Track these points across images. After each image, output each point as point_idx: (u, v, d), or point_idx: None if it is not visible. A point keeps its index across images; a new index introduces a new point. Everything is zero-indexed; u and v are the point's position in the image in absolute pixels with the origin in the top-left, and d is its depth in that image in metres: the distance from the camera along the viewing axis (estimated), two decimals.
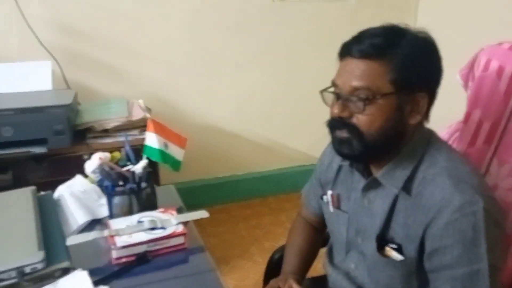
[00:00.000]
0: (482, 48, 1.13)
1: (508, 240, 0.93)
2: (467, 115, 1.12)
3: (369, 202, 0.93)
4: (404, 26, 0.85)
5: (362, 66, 0.82)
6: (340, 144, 0.86)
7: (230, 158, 2.50)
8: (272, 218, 2.41)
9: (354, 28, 0.88)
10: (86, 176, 1.17)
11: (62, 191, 1.15)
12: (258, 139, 2.52)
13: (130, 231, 0.96)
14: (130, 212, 1.06)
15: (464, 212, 0.79)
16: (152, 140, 1.13)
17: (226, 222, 2.37)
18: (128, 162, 1.13)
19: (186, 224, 1.03)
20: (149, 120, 1.17)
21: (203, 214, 1.05)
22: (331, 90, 0.87)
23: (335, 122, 0.86)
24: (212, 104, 2.37)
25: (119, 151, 1.19)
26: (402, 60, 0.81)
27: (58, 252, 0.91)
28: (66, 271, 0.87)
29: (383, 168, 0.89)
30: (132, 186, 1.06)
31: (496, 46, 1.10)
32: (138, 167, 1.09)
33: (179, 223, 1.00)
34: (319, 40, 2.39)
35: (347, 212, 0.98)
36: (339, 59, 0.87)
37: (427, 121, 0.90)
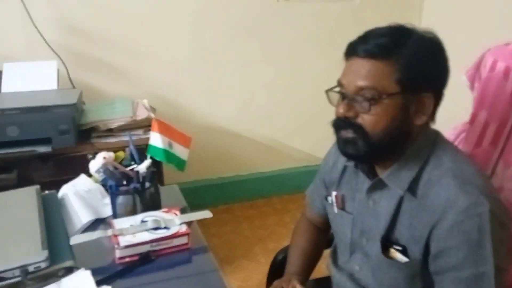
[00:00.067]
0: (489, 49, 1.12)
1: None
2: (473, 116, 1.11)
3: (374, 203, 0.92)
4: (411, 26, 0.85)
5: (367, 65, 0.81)
6: (345, 144, 0.86)
7: (234, 158, 2.49)
8: (276, 219, 2.41)
9: (358, 28, 0.87)
10: (90, 176, 1.17)
11: (66, 190, 1.16)
12: (262, 139, 2.51)
13: (134, 231, 0.96)
14: (133, 212, 1.06)
15: (469, 213, 0.79)
16: (156, 139, 1.13)
17: (229, 222, 2.37)
18: (132, 162, 1.13)
19: (190, 224, 1.03)
20: (153, 119, 1.17)
21: (206, 214, 1.05)
22: (337, 89, 0.87)
23: (340, 122, 0.86)
24: (216, 104, 2.37)
25: (123, 150, 1.19)
26: (408, 60, 0.80)
27: (61, 251, 0.91)
28: (69, 270, 0.87)
29: (388, 169, 0.88)
30: (136, 185, 1.06)
31: (503, 46, 1.09)
32: (142, 167, 1.09)
33: (182, 223, 1.00)
34: (323, 40, 2.39)
35: (352, 213, 0.98)
36: (345, 59, 0.86)
37: (433, 122, 0.89)
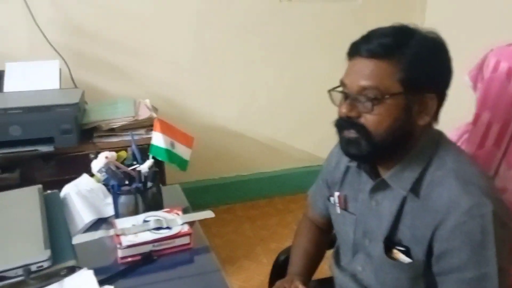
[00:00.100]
0: (491, 49, 1.12)
1: None
2: (476, 116, 1.11)
3: (376, 204, 0.92)
4: (414, 26, 0.85)
5: (370, 65, 0.81)
6: (348, 144, 0.86)
7: (235, 159, 2.49)
8: (278, 219, 2.40)
9: (361, 28, 0.87)
10: (92, 175, 1.17)
11: (69, 190, 1.16)
12: (264, 140, 2.51)
13: (136, 231, 0.96)
14: (136, 212, 1.06)
15: (472, 214, 0.78)
16: (158, 139, 1.13)
17: (231, 222, 2.37)
18: (134, 162, 1.13)
19: (192, 224, 1.02)
20: (155, 119, 1.17)
21: (208, 214, 1.05)
22: (339, 89, 0.87)
23: (343, 122, 0.86)
24: (218, 104, 2.37)
25: (126, 150, 1.19)
26: (411, 60, 0.80)
27: (64, 251, 0.91)
28: (72, 270, 0.87)
29: (391, 170, 0.88)
30: (138, 185, 1.06)
31: (506, 47, 1.09)
32: (144, 167, 1.09)
33: (184, 223, 1.00)
34: (325, 40, 2.39)
35: (355, 214, 0.97)
36: (348, 59, 0.86)
37: (436, 122, 0.89)
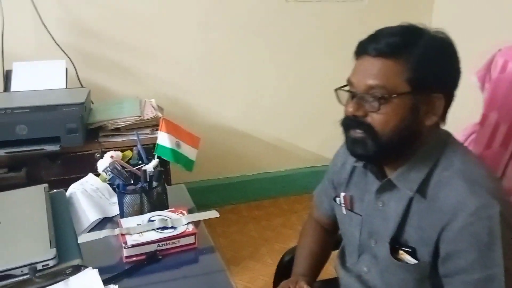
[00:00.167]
0: (499, 49, 1.11)
1: None
2: (484, 117, 1.10)
3: (383, 205, 0.91)
4: (422, 26, 0.84)
5: (378, 64, 0.81)
6: (354, 144, 0.85)
7: (240, 158, 2.49)
8: (283, 219, 2.40)
9: (366, 29, 0.87)
10: (98, 175, 1.17)
11: (74, 189, 1.16)
12: (269, 140, 2.51)
13: (141, 230, 0.96)
14: (141, 211, 1.06)
15: (479, 216, 0.78)
16: (164, 139, 1.13)
17: (236, 222, 2.37)
18: (140, 161, 1.13)
19: (197, 224, 1.02)
20: (161, 119, 1.17)
21: (213, 214, 1.04)
22: (346, 88, 0.87)
23: (349, 121, 0.85)
24: (223, 104, 2.37)
25: (131, 150, 1.19)
26: (419, 59, 0.80)
27: (69, 250, 0.91)
28: (77, 269, 0.87)
29: (398, 170, 0.87)
30: (144, 185, 1.06)
31: None
32: (150, 166, 1.09)
33: (189, 223, 1.00)
34: (331, 40, 2.38)
35: (361, 215, 0.97)
36: (355, 58, 0.86)
37: (443, 123, 0.88)
